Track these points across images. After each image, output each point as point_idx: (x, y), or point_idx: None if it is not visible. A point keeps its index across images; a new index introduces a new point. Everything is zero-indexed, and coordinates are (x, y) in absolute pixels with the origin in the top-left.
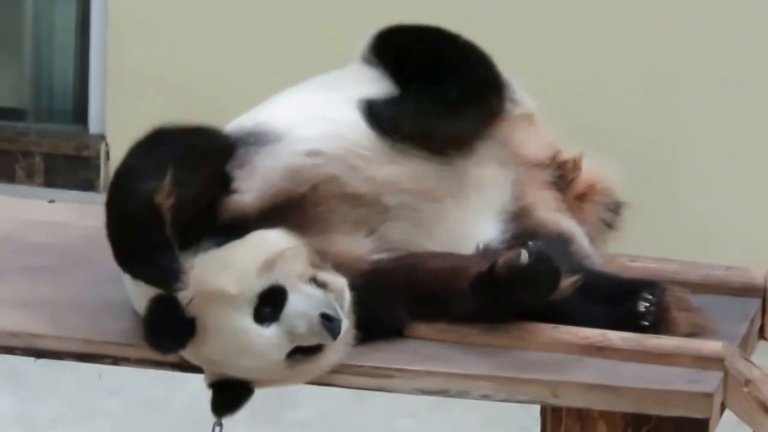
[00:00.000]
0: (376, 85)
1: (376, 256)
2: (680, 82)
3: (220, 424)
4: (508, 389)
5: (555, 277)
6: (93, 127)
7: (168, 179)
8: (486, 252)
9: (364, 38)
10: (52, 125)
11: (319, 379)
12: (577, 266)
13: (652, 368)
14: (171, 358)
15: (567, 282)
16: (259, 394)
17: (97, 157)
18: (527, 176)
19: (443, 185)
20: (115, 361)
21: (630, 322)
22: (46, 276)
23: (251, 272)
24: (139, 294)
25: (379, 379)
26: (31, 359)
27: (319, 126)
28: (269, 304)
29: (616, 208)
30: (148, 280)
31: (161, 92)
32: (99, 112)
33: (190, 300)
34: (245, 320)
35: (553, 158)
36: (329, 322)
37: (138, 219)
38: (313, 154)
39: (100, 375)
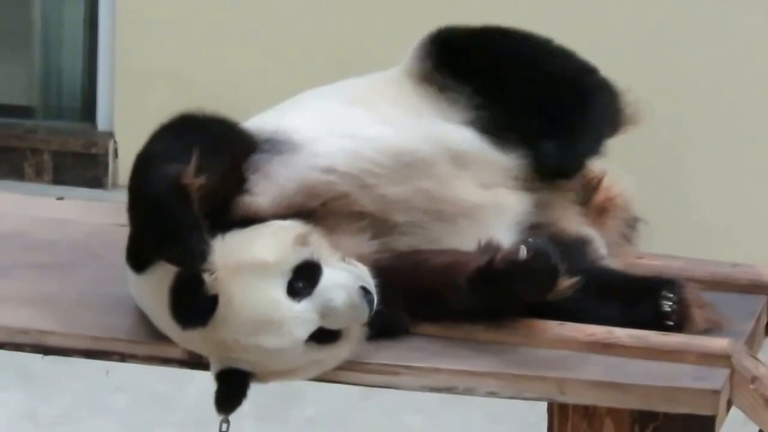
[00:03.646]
0: (410, 99)
1: (378, 256)
2: (687, 79)
3: (227, 421)
4: (515, 386)
5: (552, 274)
6: (101, 124)
7: (194, 163)
8: (487, 247)
9: (406, 43)
10: (60, 123)
11: (326, 376)
12: (591, 266)
13: (659, 365)
14: (178, 354)
15: (567, 282)
16: (266, 390)
17: (106, 154)
18: (553, 193)
19: (458, 206)
20: (123, 358)
21: (652, 323)
22: (53, 273)
23: (287, 243)
24: (146, 290)
25: (386, 376)
26: (39, 356)
27: (340, 143)
28: (303, 278)
29: (633, 222)
30: (177, 261)
31: (170, 89)
32: (107, 109)
33: (214, 277)
34: (277, 292)
35: (582, 179)
36: (367, 295)
37: (165, 199)
38: (328, 170)
39: (107, 372)
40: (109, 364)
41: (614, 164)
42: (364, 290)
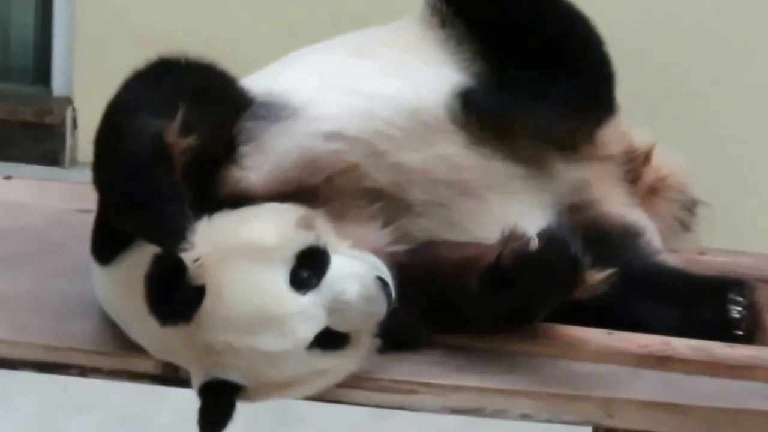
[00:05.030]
0: (427, 49)
1: (392, 249)
2: (751, 68)
3: None
4: (553, 408)
5: (573, 266)
6: (57, 88)
7: (179, 118)
8: (511, 236)
9: None
10: (8, 86)
11: (329, 394)
12: (642, 261)
13: (724, 383)
14: (151, 367)
15: (595, 276)
16: (258, 412)
17: (63, 124)
18: (594, 170)
19: (485, 177)
20: (84, 372)
21: (717, 331)
22: (0, 267)
23: (289, 225)
24: (114, 286)
25: (399, 395)
26: None
27: (345, 102)
28: (308, 266)
29: (690, 206)
30: (153, 235)
31: (137, 48)
32: (64, 70)
33: (200, 263)
34: (277, 282)
35: (626, 151)
36: (385, 288)
37: (141, 160)
38: (333, 137)
39: (65, 389)
40: (67, 379)
41: (667, 144)
42: (381, 281)
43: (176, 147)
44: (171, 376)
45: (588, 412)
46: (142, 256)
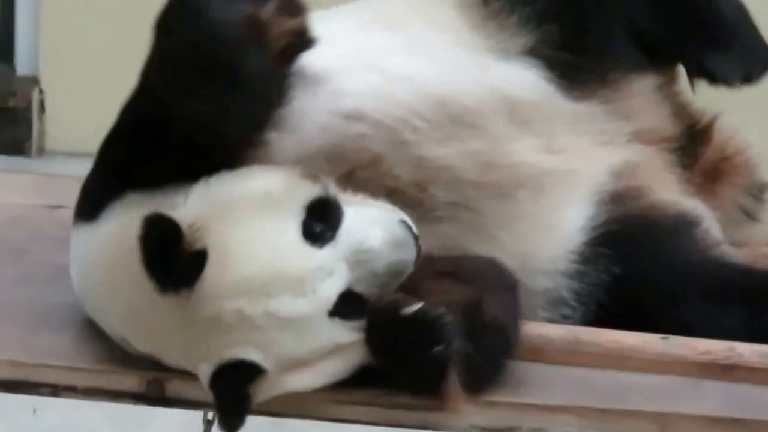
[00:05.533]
0: (460, 30)
1: None
2: None
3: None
4: (601, 424)
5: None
6: (22, 67)
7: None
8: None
9: None
10: None
11: (339, 411)
12: (701, 256)
13: None
14: (134, 384)
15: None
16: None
17: (29, 108)
18: (645, 154)
19: (518, 174)
20: (56, 391)
21: None
22: None
23: (295, 176)
24: (98, 251)
25: (421, 413)
26: None
27: (368, 79)
28: (320, 219)
29: (758, 191)
30: (229, 124)
31: (109, 22)
32: (30, 48)
33: (197, 226)
34: (290, 236)
35: (687, 130)
36: (411, 230)
37: (230, 34)
38: (354, 117)
39: (34, 410)
40: (37, 400)
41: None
42: (405, 225)
43: (274, 28)
44: (156, 394)
45: (641, 428)
46: (136, 211)
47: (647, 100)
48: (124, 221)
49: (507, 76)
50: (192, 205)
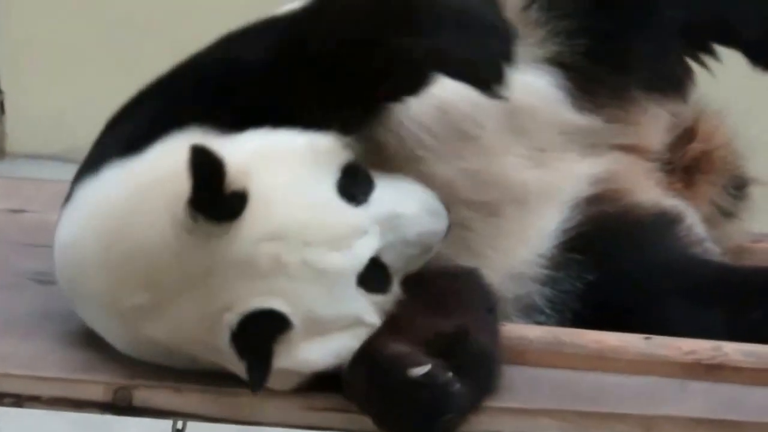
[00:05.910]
0: None
1: None
2: None
3: None
4: (583, 429)
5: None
6: None
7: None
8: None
9: None
10: None
11: (309, 419)
12: (683, 255)
13: None
14: (99, 393)
15: None
16: None
17: None
18: (627, 160)
19: (506, 190)
20: (19, 401)
21: (765, 339)
22: None
23: (332, 139)
24: (136, 189)
25: None
26: None
27: None
28: (353, 182)
29: (738, 188)
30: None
31: (70, 24)
32: None
33: (242, 167)
34: (328, 189)
35: (676, 139)
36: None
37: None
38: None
39: None
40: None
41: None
42: (437, 197)
43: None
44: (123, 403)
45: None
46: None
47: (654, 122)
48: (169, 156)
49: (516, 81)
50: (239, 148)
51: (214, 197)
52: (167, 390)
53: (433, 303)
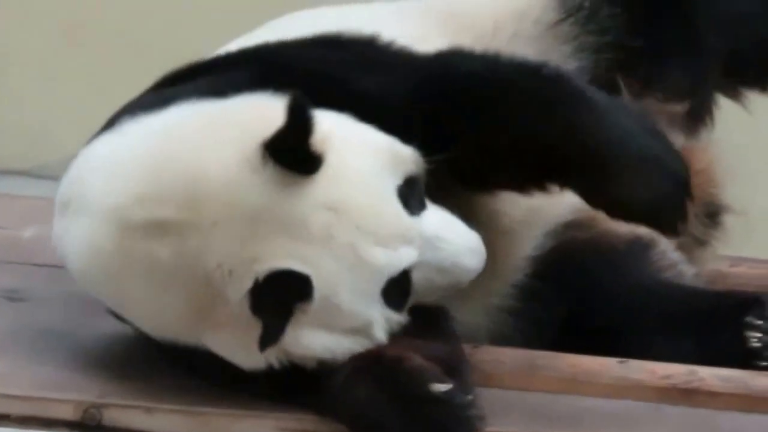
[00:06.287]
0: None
1: None
2: None
3: None
4: None
5: None
6: None
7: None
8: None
9: None
10: None
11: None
12: (655, 280)
13: (761, 419)
14: (69, 412)
15: None
16: None
17: None
18: None
19: (497, 225)
20: None
21: (734, 362)
22: None
23: (408, 150)
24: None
25: None
26: None
27: None
28: (412, 194)
29: (712, 216)
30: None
31: (38, 37)
32: None
33: (327, 135)
34: (392, 190)
35: None
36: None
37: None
38: None
39: None
40: None
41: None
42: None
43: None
44: (92, 422)
45: None
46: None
47: None
48: (253, 105)
49: None
50: (328, 122)
51: (297, 147)
52: (137, 410)
53: (416, 328)
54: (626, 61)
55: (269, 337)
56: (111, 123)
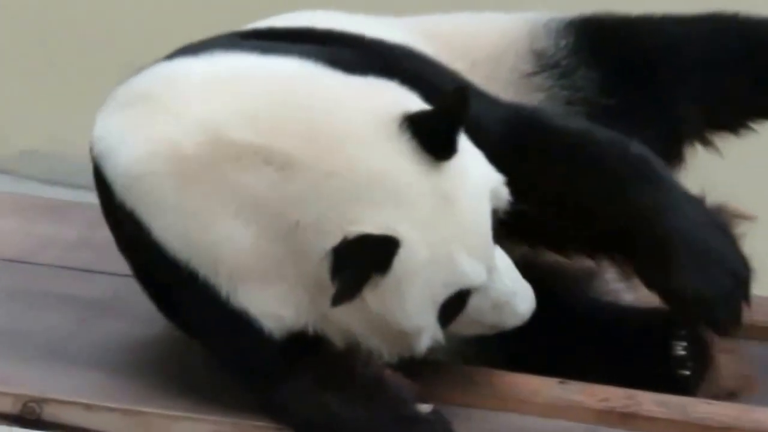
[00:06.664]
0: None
1: None
2: None
3: None
4: None
5: None
6: None
7: None
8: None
9: None
10: None
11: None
12: (593, 305)
13: None
14: (8, 407)
15: None
16: None
17: None
18: None
19: None
20: None
21: (663, 374)
22: None
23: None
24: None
25: None
26: None
27: None
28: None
29: None
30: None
31: (14, 41)
32: None
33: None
34: (488, 207)
35: None
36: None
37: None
38: None
39: None
40: None
41: None
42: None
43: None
44: (31, 417)
45: None
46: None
47: None
48: (392, 87)
49: None
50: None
51: (445, 130)
52: (77, 406)
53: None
54: (597, 117)
55: (345, 292)
56: (193, 51)
